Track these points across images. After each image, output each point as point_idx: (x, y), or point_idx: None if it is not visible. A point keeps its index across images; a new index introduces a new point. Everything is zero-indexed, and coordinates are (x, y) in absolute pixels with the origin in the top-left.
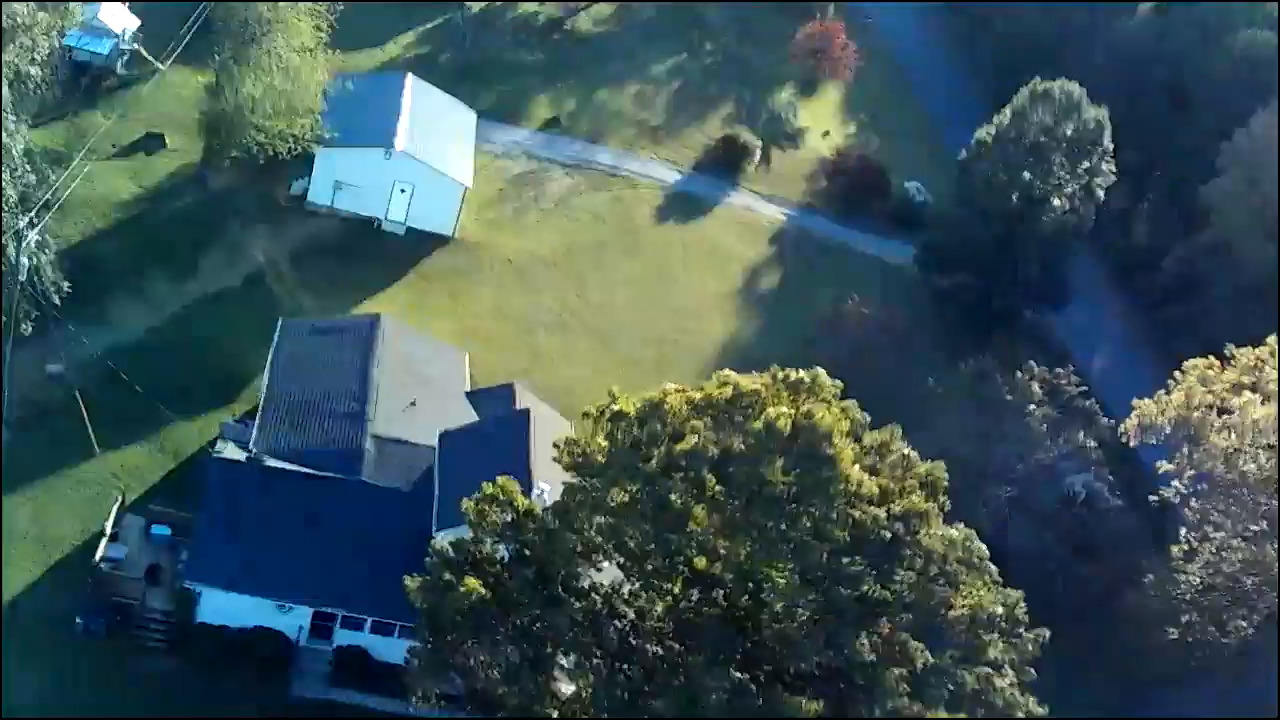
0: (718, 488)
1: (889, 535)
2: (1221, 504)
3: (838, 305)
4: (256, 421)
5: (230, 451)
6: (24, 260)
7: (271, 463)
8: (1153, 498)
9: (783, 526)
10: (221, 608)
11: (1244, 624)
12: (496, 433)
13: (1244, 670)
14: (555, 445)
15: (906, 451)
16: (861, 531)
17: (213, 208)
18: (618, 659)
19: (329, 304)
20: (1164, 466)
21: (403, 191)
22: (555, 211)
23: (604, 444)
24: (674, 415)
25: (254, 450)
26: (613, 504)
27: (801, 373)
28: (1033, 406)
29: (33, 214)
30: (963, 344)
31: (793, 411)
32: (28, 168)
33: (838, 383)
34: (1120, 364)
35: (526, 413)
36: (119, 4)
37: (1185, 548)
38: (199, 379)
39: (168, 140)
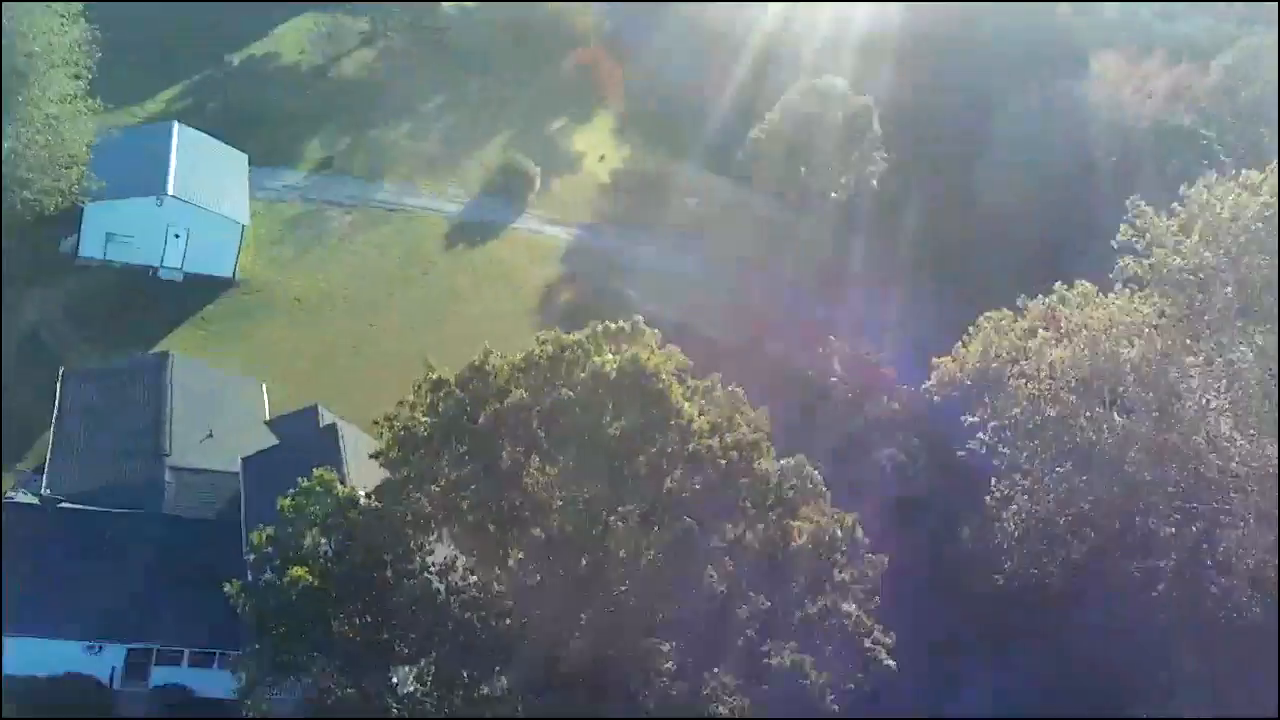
0: (547, 441)
1: (724, 462)
2: (1028, 448)
3: None
4: (46, 466)
5: (23, 498)
6: None
7: (67, 505)
8: (960, 452)
9: (619, 466)
10: (29, 656)
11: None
12: (304, 451)
13: None
14: (375, 423)
15: (733, 388)
16: (699, 462)
17: None
18: (461, 634)
19: (112, 355)
20: (969, 419)
21: (177, 237)
22: (339, 248)
23: (425, 419)
24: (498, 377)
25: (47, 492)
26: (442, 474)
27: (621, 322)
28: (834, 380)
29: None
30: None
31: (618, 357)
32: None
33: (656, 331)
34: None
35: (334, 426)
36: None
37: (998, 495)
38: None
39: None
